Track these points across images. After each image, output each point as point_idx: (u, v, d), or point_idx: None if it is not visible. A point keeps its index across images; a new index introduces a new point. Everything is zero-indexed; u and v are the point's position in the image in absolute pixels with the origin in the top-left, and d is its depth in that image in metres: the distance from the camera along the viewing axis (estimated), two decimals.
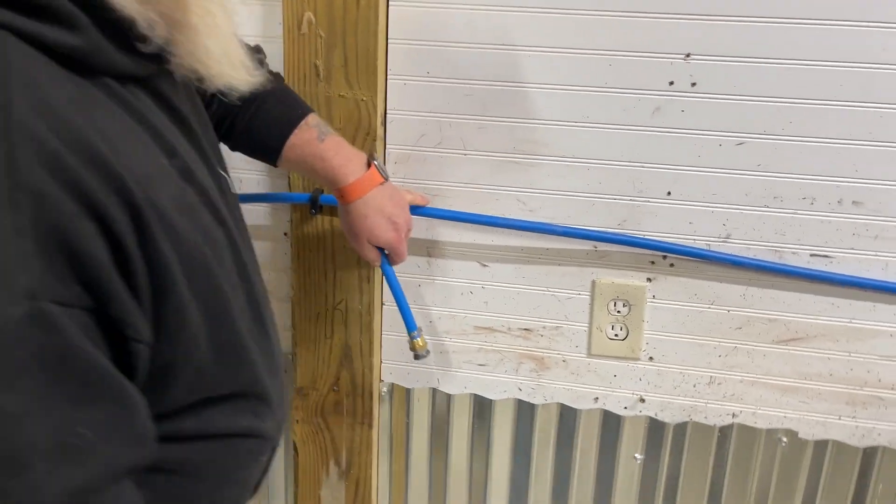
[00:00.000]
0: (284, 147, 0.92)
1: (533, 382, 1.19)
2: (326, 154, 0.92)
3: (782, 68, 0.99)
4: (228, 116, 0.91)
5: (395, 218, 0.97)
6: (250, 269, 0.68)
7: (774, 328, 1.10)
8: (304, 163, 0.93)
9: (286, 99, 0.95)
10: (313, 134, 0.92)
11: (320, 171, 0.93)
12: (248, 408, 0.69)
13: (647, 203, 1.07)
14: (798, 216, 1.04)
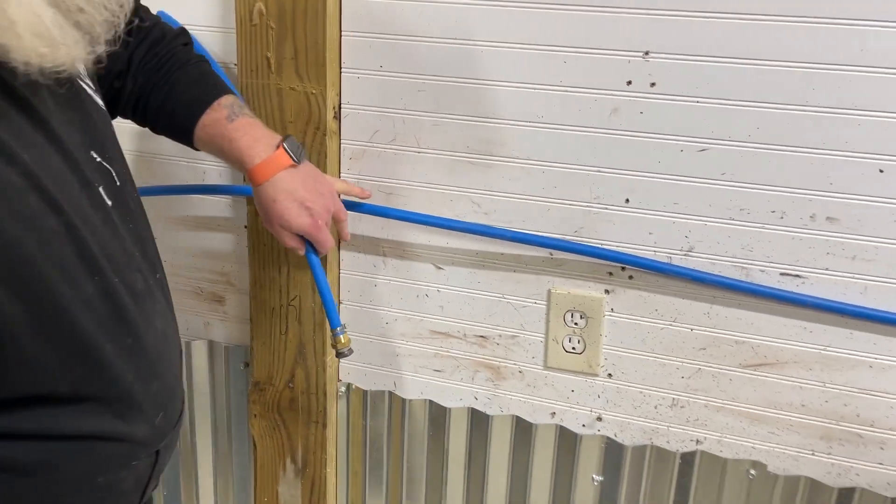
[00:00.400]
0: (196, 127, 0.89)
1: (489, 392, 1.14)
2: (234, 134, 0.88)
3: (749, 69, 0.91)
4: (142, 97, 0.90)
5: (307, 203, 0.92)
6: (106, 262, 0.65)
7: (741, 351, 1.01)
8: (214, 144, 0.90)
9: (203, 80, 0.92)
10: (223, 114, 0.89)
11: (228, 153, 0.89)
12: (105, 410, 0.67)
13: (604, 210, 1.01)
14: (767, 231, 0.96)
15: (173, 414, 0.77)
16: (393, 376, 1.18)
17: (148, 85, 0.89)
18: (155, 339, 0.72)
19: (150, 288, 0.73)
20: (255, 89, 1.06)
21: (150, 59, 0.89)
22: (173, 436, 0.78)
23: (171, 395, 0.76)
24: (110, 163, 0.71)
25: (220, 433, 1.31)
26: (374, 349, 1.17)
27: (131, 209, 0.73)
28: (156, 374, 0.72)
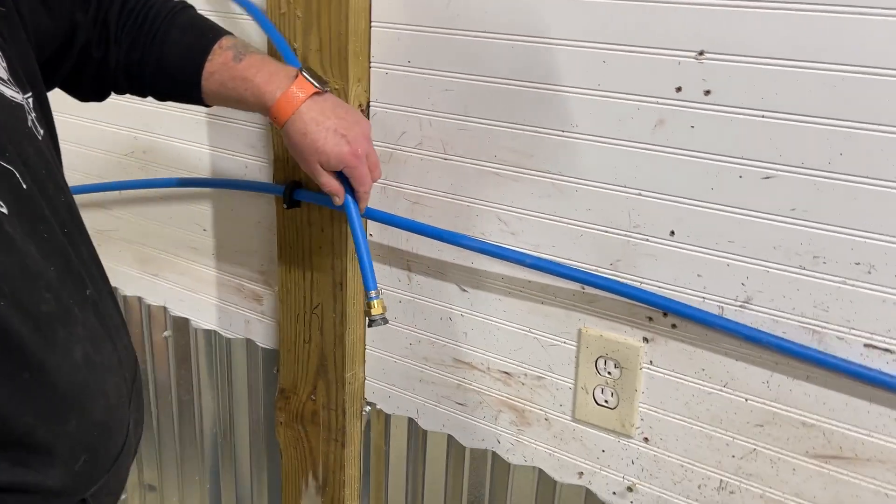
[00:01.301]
0: (202, 77, 0.80)
1: (512, 437, 0.99)
2: (247, 73, 0.79)
3: (832, 76, 0.70)
4: (132, 62, 0.81)
5: (342, 130, 0.81)
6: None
7: (810, 436, 0.79)
8: (226, 91, 0.81)
9: (195, 26, 0.83)
10: (228, 56, 0.80)
11: (244, 95, 0.80)
12: (4, 457, 0.59)
13: (645, 242, 0.83)
14: (848, 287, 0.74)
15: (107, 454, 0.68)
16: (416, 403, 1.07)
17: (135, 47, 0.81)
18: (72, 370, 0.63)
19: (68, 309, 0.64)
20: None
21: (127, 18, 0.81)
22: (112, 480, 0.69)
23: (101, 433, 0.67)
24: (12, 163, 0.62)
25: (257, 434, 1.27)
26: (398, 370, 1.07)
27: (46, 217, 0.64)
28: (73, 411, 0.63)
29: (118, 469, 0.70)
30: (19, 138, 0.64)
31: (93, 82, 0.83)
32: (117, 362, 0.71)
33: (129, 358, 0.74)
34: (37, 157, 0.66)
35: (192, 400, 1.33)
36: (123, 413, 0.71)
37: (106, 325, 0.70)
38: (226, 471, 1.34)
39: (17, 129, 0.65)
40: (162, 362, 1.35)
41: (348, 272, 1.03)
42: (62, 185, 0.69)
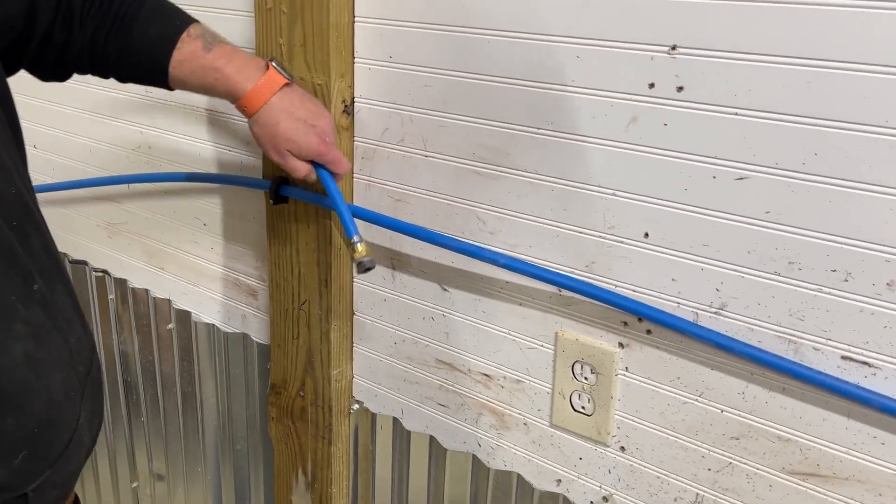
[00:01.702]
0: (170, 66, 0.81)
1: (493, 441, 0.97)
2: (217, 63, 0.81)
3: (808, 72, 0.66)
4: (97, 44, 0.82)
5: (311, 120, 0.84)
6: None
7: (786, 451, 0.75)
8: (195, 79, 0.82)
9: (163, 12, 0.84)
10: (198, 45, 0.81)
11: (214, 85, 0.82)
12: None
13: (619, 243, 0.81)
14: (824, 296, 0.70)
15: (50, 450, 0.67)
16: (401, 403, 1.06)
17: (100, 31, 0.81)
18: (11, 367, 0.63)
19: (9, 306, 0.64)
20: None
21: (92, 2, 0.81)
22: (57, 474, 0.69)
23: (43, 430, 0.66)
24: None
25: (253, 428, 1.28)
26: (384, 369, 1.06)
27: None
28: (11, 409, 0.63)
29: (65, 463, 0.69)
30: None
31: (55, 65, 0.83)
32: (67, 356, 0.70)
33: (83, 349, 0.73)
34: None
35: (194, 392, 1.34)
36: (72, 408, 0.70)
37: (55, 319, 0.69)
38: (225, 463, 1.35)
39: None
40: (167, 354, 1.37)
41: (333, 269, 1.02)
42: (13, 176, 0.68)
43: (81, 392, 0.72)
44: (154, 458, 1.48)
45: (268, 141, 0.85)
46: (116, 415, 1.50)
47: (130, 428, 1.49)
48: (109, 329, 1.44)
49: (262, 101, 0.82)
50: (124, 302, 1.40)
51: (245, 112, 0.84)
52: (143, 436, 1.47)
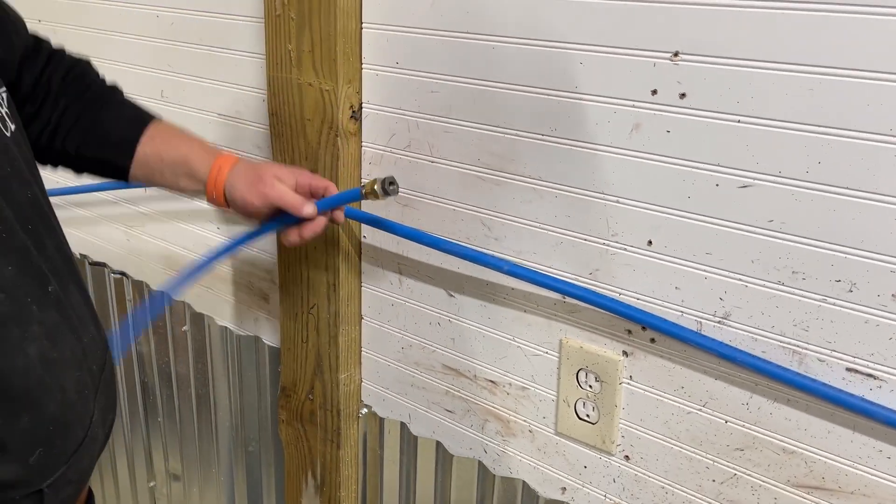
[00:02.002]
0: (141, 139, 0.85)
1: (498, 447, 0.97)
2: (191, 138, 0.86)
3: (812, 79, 0.65)
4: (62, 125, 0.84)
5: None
6: None
7: (791, 463, 0.74)
8: (170, 148, 0.85)
9: (133, 104, 0.89)
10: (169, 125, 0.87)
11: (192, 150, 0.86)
12: None
13: (623, 251, 0.80)
14: (829, 307, 0.69)
15: (64, 447, 0.69)
16: (409, 408, 1.06)
17: (72, 110, 0.85)
18: (27, 368, 0.64)
19: (25, 308, 0.65)
20: (279, 84, 1.00)
21: (70, 83, 0.85)
22: (72, 470, 0.70)
23: (58, 428, 0.68)
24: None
25: (265, 430, 1.29)
26: (391, 374, 1.06)
27: (5, 216, 0.65)
28: (26, 408, 0.65)
29: (78, 460, 0.71)
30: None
31: None
32: (81, 355, 0.72)
33: (96, 349, 0.75)
34: (2, 150, 0.67)
35: (207, 394, 1.36)
36: (85, 406, 0.72)
37: (69, 319, 0.71)
38: (238, 465, 1.36)
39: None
40: (182, 356, 1.39)
41: (341, 273, 1.03)
42: (29, 179, 0.70)
43: (95, 390, 0.73)
44: (170, 458, 1.50)
45: (255, 186, 0.85)
46: (134, 414, 1.52)
47: (147, 428, 1.51)
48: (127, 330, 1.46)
49: (235, 158, 0.87)
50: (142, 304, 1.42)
51: (220, 173, 0.86)
52: (160, 436, 1.49)
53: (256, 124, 1.11)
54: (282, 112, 1.01)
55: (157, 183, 0.88)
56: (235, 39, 1.09)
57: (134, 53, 1.25)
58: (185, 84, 1.19)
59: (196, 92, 1.18)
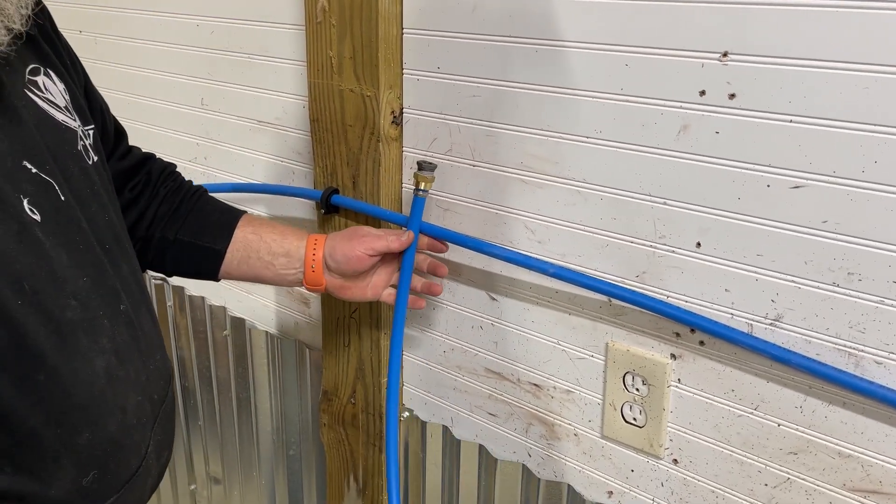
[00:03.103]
0: (239, 224, 0.90)
1: (543, 451, 0.97)
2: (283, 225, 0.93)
3: (865, 77, 0.64)
4: (166, 213, 0.89)
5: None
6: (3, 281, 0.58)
7: (847, 467, 0.73)
8: (266, 230, 0.91)
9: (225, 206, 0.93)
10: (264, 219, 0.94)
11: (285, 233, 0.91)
12: (9, 462, 0.59)
13: (671, 253, 0.79)
14: (887, 308, 0.67)
15: (118, 473, 0.67)
16: (451, 412, 1.06)
17: (171, 200, 0.89)
18: (92, 380, 0.64)
19: (95, 319, 0.65)
20: (320, 90, 1.01)
21: (167, 178, 0.91)
22: (121, 501, 0.68)
23: (114, 450, 0.66)
24: (52, 175, 0.64)
25: (306, 433, 1.30)
26: (433, 378, 1.06)
27: (84, 229, 0.66)
28: (86, 422, 0.63)
29: (130, 490, 0.69)
30: (64, 156, 0.67)
31: None
32: (144, 380, 0.70)
33: (159, 378, 0.74)
34: (81, 175, 0.68)
35: (248, 398, 1.37)
36: (143, 434, 0.70)
37: (138, 341, 0.70)
38: (279, 468, 1.37)
39: (63, 149, 0.67)
40: (223, 360, 1.40)
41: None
42: (107, 204, 0.71)
43: (153, 420, 0.72)
44: (211, 462, 1.52)
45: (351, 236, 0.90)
46: None
47: (188, 431, 1.53)
48: (167, 335, 1.47)
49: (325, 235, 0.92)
50: (182, 309, 1.44)
51: (317, 245, 0.90)
52: (201, 439, 1.51)
53: (297, 130, 1.12)
54: (323, 118, 1.02)
55: (250, 269, 0.90)
56: (275, 47, 1.10)
57: (174, 62, 1.26)
58: (225, 92, 1.20)
59: (236, 99, 1.19)
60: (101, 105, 0.82)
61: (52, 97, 0.69)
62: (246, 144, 1.21)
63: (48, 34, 0.72)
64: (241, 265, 0.90)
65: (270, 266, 0.89)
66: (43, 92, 0.68)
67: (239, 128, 1.21)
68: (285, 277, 0.90)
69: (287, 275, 0.90)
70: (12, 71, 0.64)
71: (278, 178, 1.18)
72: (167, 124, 1.32)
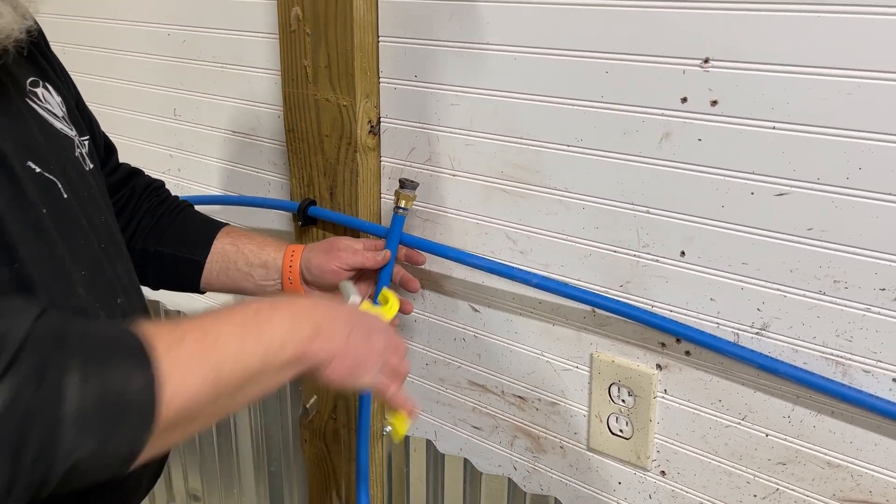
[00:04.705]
0: (219, 234, 0.89)
1: (528, 465, 0.95)
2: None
3: (849, 83, 0.63)
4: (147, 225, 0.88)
5: None
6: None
7: (836, 477, 0.72)
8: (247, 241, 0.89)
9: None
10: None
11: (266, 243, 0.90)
12: None
13: (655, 263, 0.78)
14: (873, 316, 0.67)
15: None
16: (434, 425, 1.04)
17: (153, 213, 0.89)
18: None
19: (92, 310, 0.66)
20: (295, 99, 0.99)
21: (151, 193, 0.91)
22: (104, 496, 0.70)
23: None
24: (55, 174, 0.66)
25: (287, 449, 1.27)
26: (416, 391, 1.04)
27: (83, 226, 0.67)
28: None
29: (111, 490, 0.70)
30: (64, 160, 0.68)
31: None
32: None
33: None
34: (79, 179, 0.70)
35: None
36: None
37: None
38: (260, 484, 1.35)
39: (63, 154, 0.68)
40: None
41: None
42: (103, 208, 0.73)
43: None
44: (190, 478, 1.48)
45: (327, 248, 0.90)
46: None
47: None
48: None
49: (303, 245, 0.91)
50: None
51: (294, 255, 0.89)
52: (179, 455, 1.48)
53: (272, 141, 1.10)
54: (298, 128, 1.00)
55: (230, 280, 0.89)
56: (249, 56, 1.08)
57: (146, 72, 1.24)
58: (198, 102, 1.18)
59: (210, 109, 1.17)
60: (92, 121, 0.83)
61: (51, 107, 0.71)
62: (220, 155, 1.19)
63: (43, 51, 0.74)
64: (221, 276, 0.90)
65: (249, 277, 0.89)
66: (42, 102, 0.70)
67: (213, 138, 1.18)
68: (265, 289, 0.89)
69: (266, 286, 0.89)
70: (14, 80, 0.66)
71: (254, 190, 1.15)
72: (140, 135, 1.29)
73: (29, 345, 0.45)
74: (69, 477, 0.47)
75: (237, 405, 0.56)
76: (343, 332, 0.63)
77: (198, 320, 0.55)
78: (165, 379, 0.49)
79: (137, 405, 0.48)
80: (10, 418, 0.43)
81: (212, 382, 0.52)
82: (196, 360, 0.52)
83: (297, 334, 0.59)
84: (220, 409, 0.55)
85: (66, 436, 0.45)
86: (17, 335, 0.45)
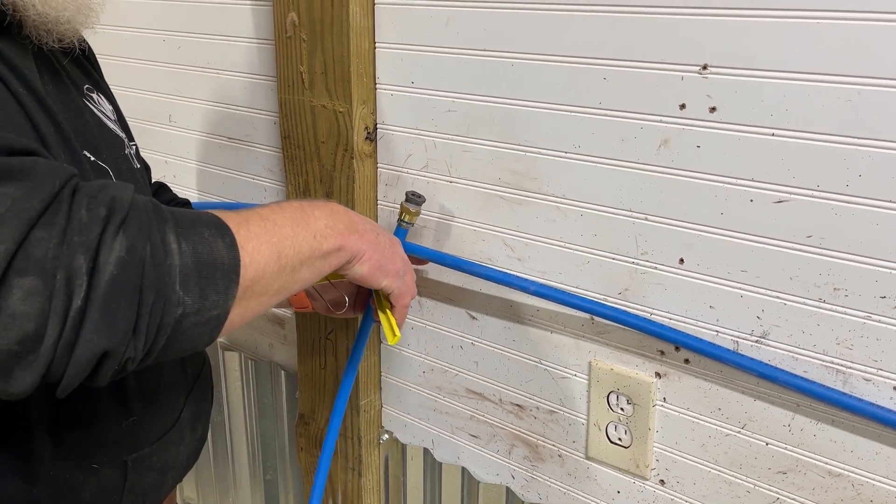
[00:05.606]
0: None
1: (527, 473, 0.94)
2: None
3: (849, 90, 0.63)
4: None
5: None
6: None
7: (837, 487, 0.71)
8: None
9: None
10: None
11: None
12: None
13: (653, 270, 0.77)
14: (874, 324, 0.66)
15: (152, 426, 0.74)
16: (431, 434, 1.03)
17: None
18: None
19: None
20: (291, 106, 0.98)
21: (157, 192, 0.94)
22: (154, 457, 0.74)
23: (150, 405, 0.74)
24: (107, 163, 0.69)
25: (283, 457, 1.26)
26: (413, 399, 1.04)
27: None
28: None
29: (162, 448, 0.74)
30: (115, 155, 0.72)
31: None
32: None
33: (196, 354, 0.81)
34: (129, 173, 0.73)
35: (223, 421, 1.33)
36: (176, 399, 0.76)
37: None
38: (256, 492, 1.34)
39: (114, 150, 0.72)
40: None
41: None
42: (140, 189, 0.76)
43: (187, 391, 0.78)
44: (185, 486, 1.47)
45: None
46: None
47: None
48: None
49: None
50: None
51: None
52: None
53: (268, 147, 1.09)
54: (294, 135, 0.99)
55: None
56: (245, 62, 1.07)
57: (141, 78, 1.23)
58: (193, 108, 1.17)
59: (205, 116, 1.16)
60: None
61: (104, 111, 0.75)
62: (216, 162, 1.18)
63: (95, 65, 0.81)
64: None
65: None
66: (97, 104, 0.74)
67: (208, 145, 1.18)
68: None
69: None
70: (74, 82, 0.71)
71: (250, 196, 1.14)
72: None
73: (133, 208, 0.52)
74: (175, 333, 0.53)
75: (293, 287, 0.64)
76: (372, 233, 0.72)
77: (254, 209, 0.63)
78: (241, 248, 0.56)
79: (223, 267, 0.55)
80: (130, 264, 0.49)
81: (276, 257, 0.60)
82: (262, 237, 0.59)
83: (336, 227, 0.67)
84: (280, 288, 0.62)
85: (173, 286, 0.52)
86: (126, 199, 0.52)
